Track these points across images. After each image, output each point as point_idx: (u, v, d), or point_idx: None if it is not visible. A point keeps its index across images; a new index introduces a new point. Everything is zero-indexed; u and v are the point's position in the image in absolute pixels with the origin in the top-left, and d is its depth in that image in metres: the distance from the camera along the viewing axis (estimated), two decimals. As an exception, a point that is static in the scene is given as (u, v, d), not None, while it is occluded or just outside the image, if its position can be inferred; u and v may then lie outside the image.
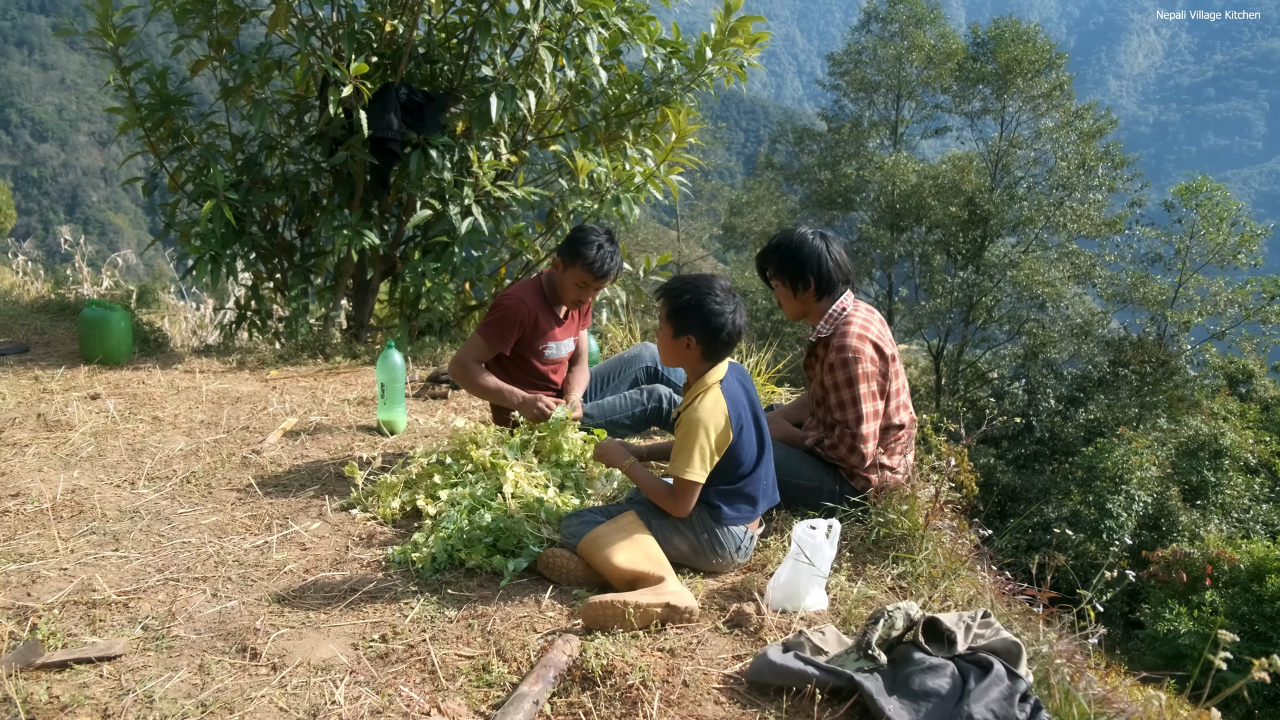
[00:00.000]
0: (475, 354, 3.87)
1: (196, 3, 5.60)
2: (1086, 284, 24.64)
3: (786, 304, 3.47)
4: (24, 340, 5.98)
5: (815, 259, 3.34)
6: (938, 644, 2.34)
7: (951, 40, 26.38)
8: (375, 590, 2.81)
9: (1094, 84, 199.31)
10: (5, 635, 2.48)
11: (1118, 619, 13.03)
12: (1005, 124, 25.89)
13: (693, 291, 2.93)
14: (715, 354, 2.94)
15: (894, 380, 3.36)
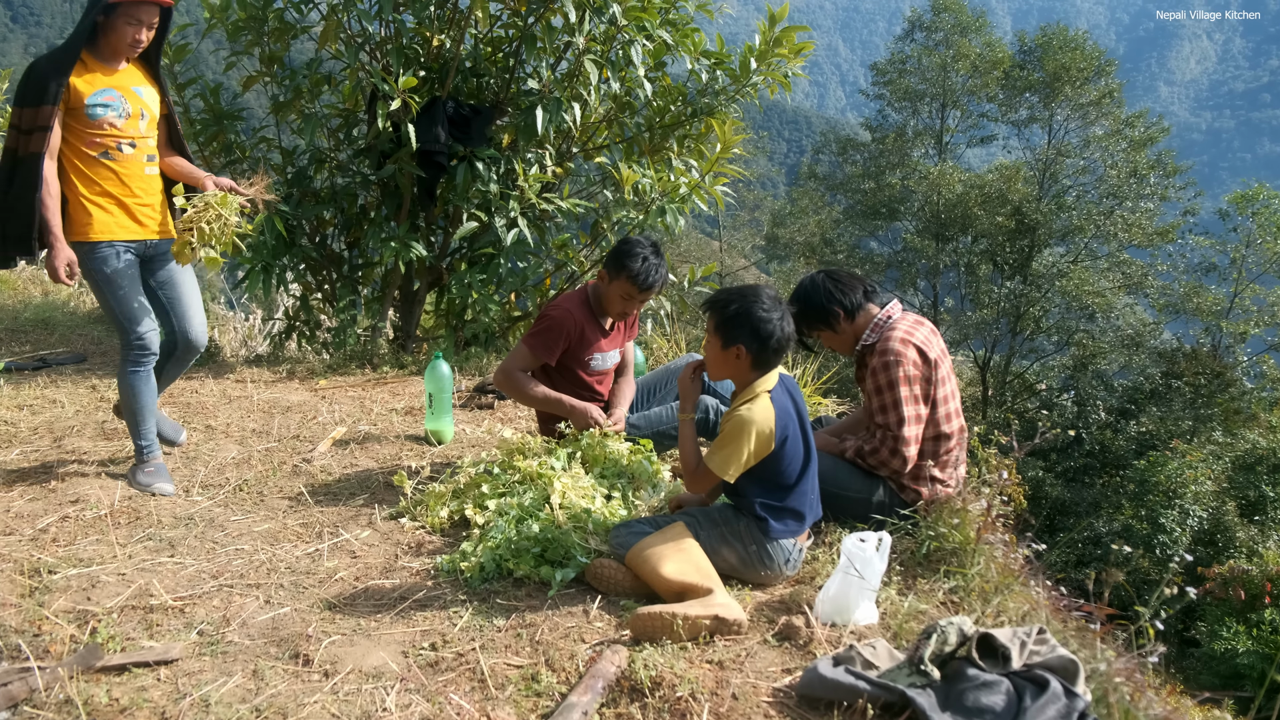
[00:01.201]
0: (520, 363, 3.89)
1: (249, 20, 5.71)
2: (1138, 294, 24.19)
3: (836, 343, 3.49)
4: (81, 350, 6.12)
5: (823, 291, 3.40)
6: (992, 660, 2.30)
7: (998, 48, 26.11)
8: (424, 599, 2.84)
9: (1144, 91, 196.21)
10: (66, 638, 2.54)
11: (1172, 637, 12.73)
12: (1053, 132, 25.57)
13: (740, 301, 2.93)
14: (765, 363, 2.93)
15: (941, 386, 3.31)
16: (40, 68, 3.39)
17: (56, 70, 3.36)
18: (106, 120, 3.48)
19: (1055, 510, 17.71)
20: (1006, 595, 2.81)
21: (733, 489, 3.00)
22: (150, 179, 3.66)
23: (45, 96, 3.35)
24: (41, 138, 3.36)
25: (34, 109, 3.35)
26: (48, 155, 3.41)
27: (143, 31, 3.46)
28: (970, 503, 3.24)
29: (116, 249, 3.57)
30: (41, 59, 3.41)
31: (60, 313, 7.27)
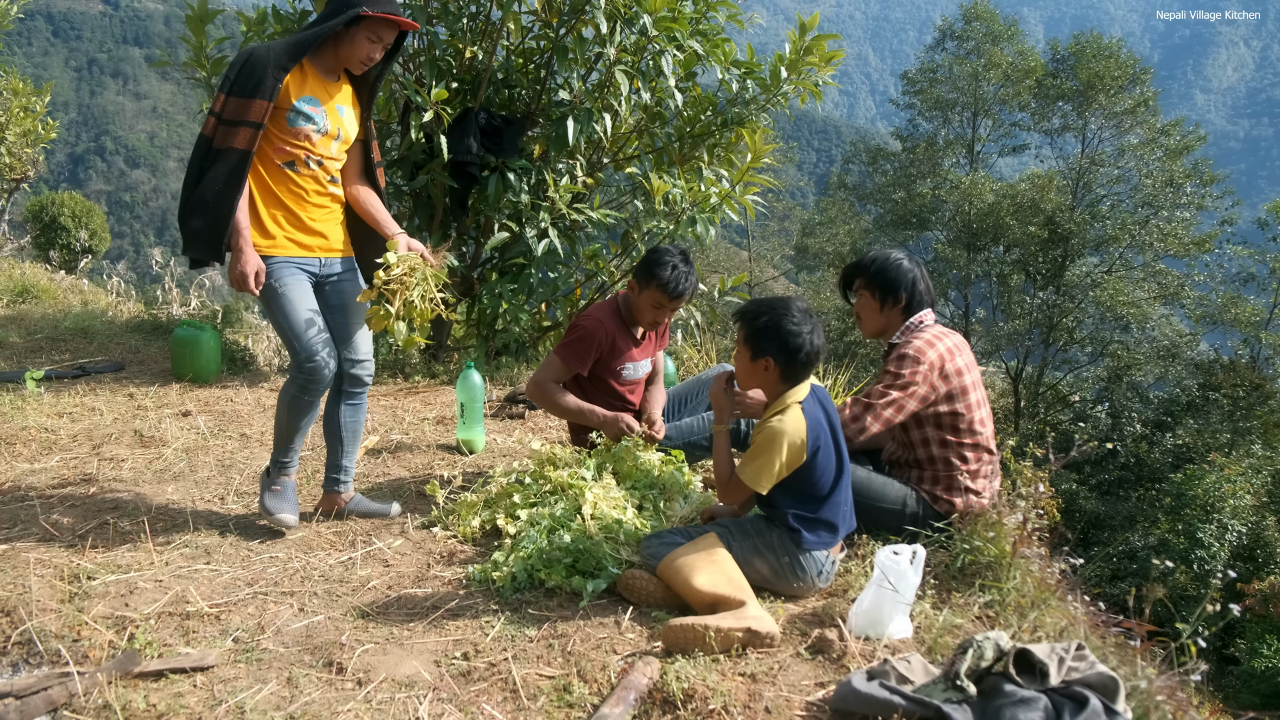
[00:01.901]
0: (553, 374, 3.89)
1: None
2: (1174, 305, 23.83)
3: (870, 318, 3.48)
4: (119, 358, 6.22)
5: (911, 279, 3.41)
6: (1029, 676, 2.26)
7: (1030, 57, 25.90)
8: (457, 608, 2.84)
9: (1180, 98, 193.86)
10: (105, 644, 2.57)
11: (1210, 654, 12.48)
12: (1087, 141, 25.30)
13: (769, 313, 2.93)
14: (794, 375, 2.92)
15: (969, 393, 3.30)
16: (259, 57, 3.08)
17: (277, 64, 3.08)
18: (304, 131, 3.21)
19: (1090, 524, 17.45)
20: (1043, 610, 2.77)
21: (766, 500, 2.98)
22: (327, 201, 3.37)
23: (260, 89, 3.06)
24: (249, 134, 3.08)
25: (244, 100, 3.06)
26: (256, 156, 3.16)
27: (378, 50, 3.25)
28: (1005, 515, 3.20)
29: (292, 266, 3.28)
30: (260, 47, 3.10)
31: (99, 322, 7.39)
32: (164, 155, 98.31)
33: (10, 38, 9.72)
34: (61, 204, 16.07)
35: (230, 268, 3.15)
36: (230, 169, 3.09)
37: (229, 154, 3.08)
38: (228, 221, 3.10)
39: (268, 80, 3.06)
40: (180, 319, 7.17)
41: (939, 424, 3.30)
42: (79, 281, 11.57)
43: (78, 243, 15.67)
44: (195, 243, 3.16)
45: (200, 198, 3.10)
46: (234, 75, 3.06)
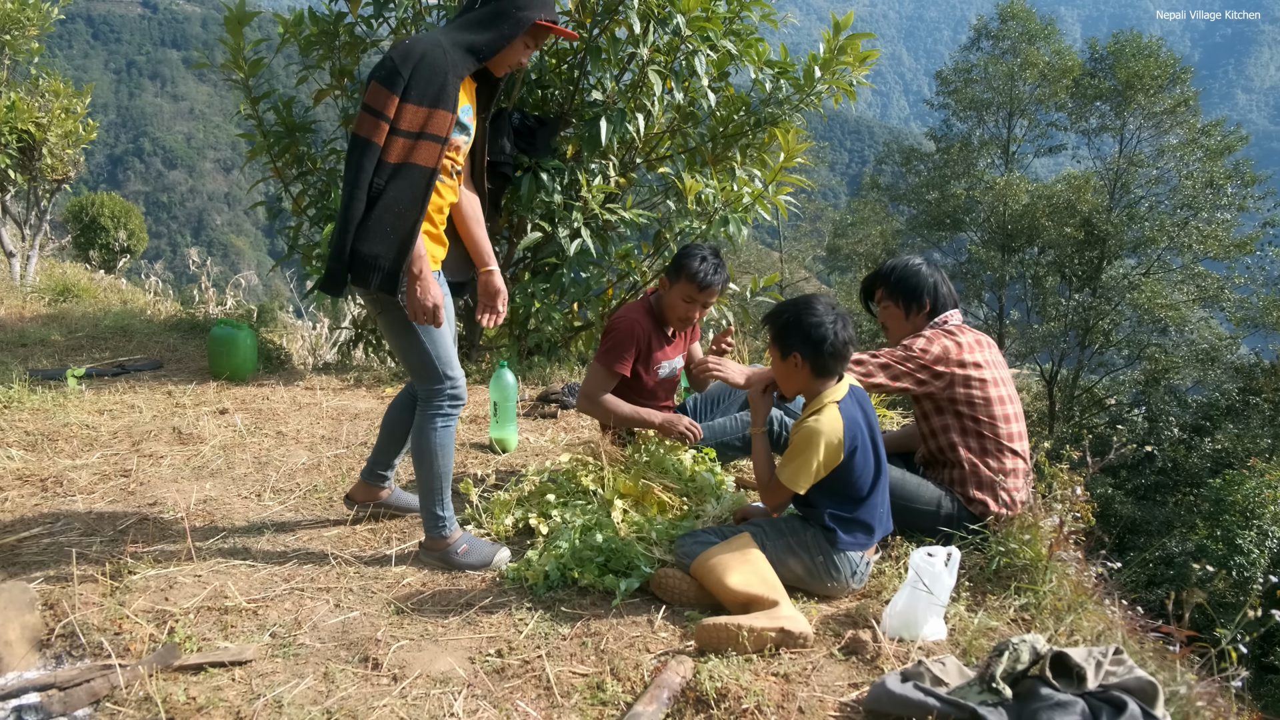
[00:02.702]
0: (600, 384, 3.87)
1: (320, 35, 5.85)
2: (1213, 307, 23.44)
3: (897, 327, 3.52)
4: (158, 357, 6.31)
5: (932, 283, 3.45)
6: (1066, 680, 2.24)
7: (1067, 56, 25.59)
8: (490, 605, 2.86)
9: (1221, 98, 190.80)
10: (146, 637, 2.61)
11: (1250, 661, 12.28)
12: (1125, 141, 24.96)
13: (791, 310, 2.96)
14: (825, 369, 2.91)
15: (993, 387, 3.30)
16: (437, 60, 2.75)
17: (455, 72, 2.79)
18: (457, 142, 2.97)
19: (1126, 529, 17.22)
20: (1080, 614, 2.74)
21: (803, 500, 2.98)
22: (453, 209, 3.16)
23: (444, 99, 2.76)
24: (434, 150, 2.78)
25: (426, 109, 2.75)
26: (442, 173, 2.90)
27: (528, 56, 3.02)
28: (1041, 518, 3.16)
29: (441, 281, 3.04)
30: (436, 48, 2.77)
31: (138, 320, 7.50)
32: (200, 156, 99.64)
33: (51, 40, 9.90)
34: (101, 204, 16.36)
35: (413, 297, 2.83)
36: (415, 191, 2.77)
37: (412, 171, 2.77)
38: (411, 249, 2.79)
39: (450, 89, 2.77)
40: (217, 318, 7.26)
41: (958, 414, 3.29)
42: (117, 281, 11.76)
43: (116, 243, 15.93)
44: (369, 271, 2.78)
45: (379, 221, 2.76)
46: (407, 75, 2.72)
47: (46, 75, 9.75)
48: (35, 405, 4.86)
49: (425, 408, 3.07)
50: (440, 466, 3.08)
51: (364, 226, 2.76)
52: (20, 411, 4.77)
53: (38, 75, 9.72)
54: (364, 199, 2.75)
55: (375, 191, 2.76)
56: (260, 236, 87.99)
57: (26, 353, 6.23)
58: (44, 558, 3.14)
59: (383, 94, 2.72)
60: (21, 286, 9.14)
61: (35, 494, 3.75)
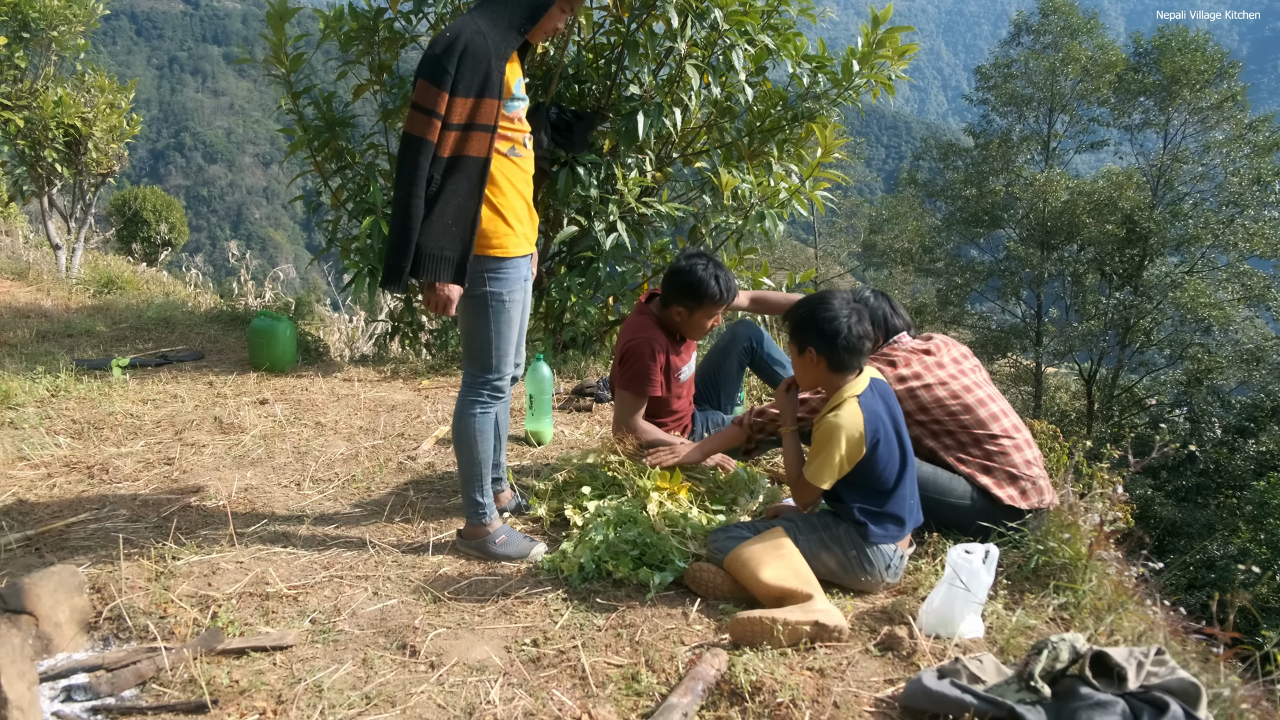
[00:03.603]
0: (631, 412, 3.82)
1: (360, 31, 5.90)
2: (1259, 307, 22.96)
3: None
4: (199, 348, 6.40)
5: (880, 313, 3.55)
6: (1106, 680, 2.22)
7: (1111, 51, 25.17)
8: (526, 595, 2.88)
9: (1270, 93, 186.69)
10: (190, 621, 2.66)
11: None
12: (1169, 137, 24.51)
13: (805, 306, 2.99)
14: (841, 363, 2.91)
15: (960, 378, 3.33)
16: (478, 47, 2.76)
17: (498, 54, 2.80)
18: (518, 114, 2.97)
19: (1166, 531, 16.95)
20: (1121, 614, 2.71)
21: (832, 495, 2.98)
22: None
23: (489, 86, 2.78)
24: (484, 139, 2.81)
25: (473, 100, 2.77)
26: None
27: (564, 21, 3.01)
28: (1080, 517, 3.13)
29: (524, 270, 3.06)
30: (476, 35, 2.77)
31: (180, 312, 7.62)
32: (240, 151, 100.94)
33: (96, 36, 10.07)
34: (143, 198, 16.63)
35: (430, 291, 2.90)
36: (471, 182, 2.82)
37: (466, 163, 2.81)
38: (472, 239, 2.85)
39: (494, 75, 2.79)
40: (256, 310, 7.36)
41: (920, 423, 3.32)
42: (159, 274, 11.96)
43: (158, 236, 16.18)
44: (439, 266, 2.83)
45: (440, 216, 2.80)
46: (453, 70, 2.72)
47: (92, 71, 9.93)
48: (82, 394, 4.96)
49: (467, 392, 3.11)
50: (479, 452, 3.10)
51: (429, 224, 2.80)
52: (67, 400, 4.87)
53: (84, 71, 9.90)
54: (424, 196, 2.78)
55: (434, 188, 2.79)
56: (298, 230, 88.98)
57: (73, 343, 6.35)
58: (91, 542, 3.21)
59: (431, 91, 2.74)
60: (67, 278, 9.32)
61: (82, 480, 3.84)
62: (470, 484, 3.14)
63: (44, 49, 9.50)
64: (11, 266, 9.61)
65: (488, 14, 2.85)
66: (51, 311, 7.39)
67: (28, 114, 9.10)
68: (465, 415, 3.09)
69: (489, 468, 3.16)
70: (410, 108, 2.79)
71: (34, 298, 7.99)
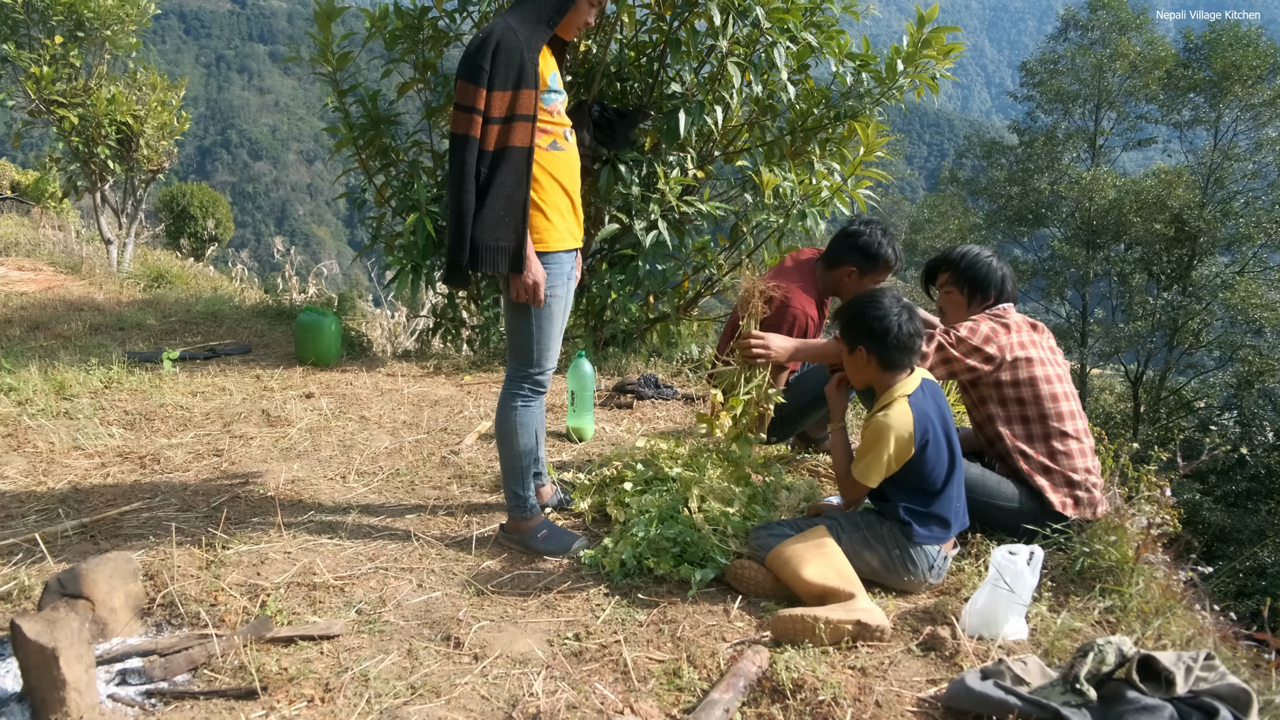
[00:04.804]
0: None
1: (405, 29, 5.96)
2: (1313, 308, 22.43)
3: (955, 314, 3.50)
4: (246, 341, 6.51)
5: (1000, 276, 3.44)
6: (1154, 684, 2.19)
7: (1160, 46, 24.71)
8: (568, 590, 2.91)
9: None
10: (239, 609, 2.72)
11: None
12: (1220, 135, 24.01)
13: (855, 305, 3.01)
14: (890, 361, 2.91)
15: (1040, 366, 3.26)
16: (510, 43, 2.82)
17: (529, 47, 2.86)
18: (556, 107, 3.02)
19: (1214, 537, 16.63)
20: (1169, 618, 2.68)
21: (877, 494, 2.97)
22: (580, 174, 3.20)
23: (525, 77, 2.84)
24: (526, 129, 2.86)
25: (511, 92, 2.83)
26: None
27: (594, 15, 3.06)
28: (1127, 519, 3.09)
29: (569, 266, 3.10)
30: (507, 32, 2.83)
31: (227, 306, 7.76)
32: (284, 148, 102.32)
33: (147, 35, 10.26)
34: (191, 194, 16.92)
35: (518, 278, 2.93)
36: (518, 171, 2.87)
37: (512, 154, 2.86)
38: (525, 227, 2.89)
39: (529, 67, 2.84)
40: (302, 305, 7.47)
41: (1003, 400, 3.26)
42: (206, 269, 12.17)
43: (204, 231, 16.47)
44: (496, 256, 2.88)
45: (492, 208, 2.85)
46: (489, 66, 2.79)
47: (144, 69, 10.13)
48: (133, 386, 5.07)
49: (509, 385, 3.15)
50: (520, 445, 3.14)
51: (480, 217, 2.85)
52: (120, 392, 4.98)
53: (135, 69, 10.10)
54: (474, 191, 2.84)
55: (483, 181, 2.85)
56: (340, 226, 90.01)
57: (124, 336, 6.49)
58: (144, 531, 3.29)
59: (470, 89, 2.81)
60: (119, 272, 9.52)
61: (135, 470, 3.92)
62: (512, 478, 3.18)
63: (98, 48, 9.70)
64: (65, 260, 9.83)
65: (518, 11, 2.93)
66: (104, 305, 7.56)
67: (82, 111, 9.31)
68: (508, 409, 3.14)
69: (531, 462, 3.20)
70: (454, 109, 2.86)
71: (87, 291, 8.18)
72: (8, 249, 10.43)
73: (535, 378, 3.13)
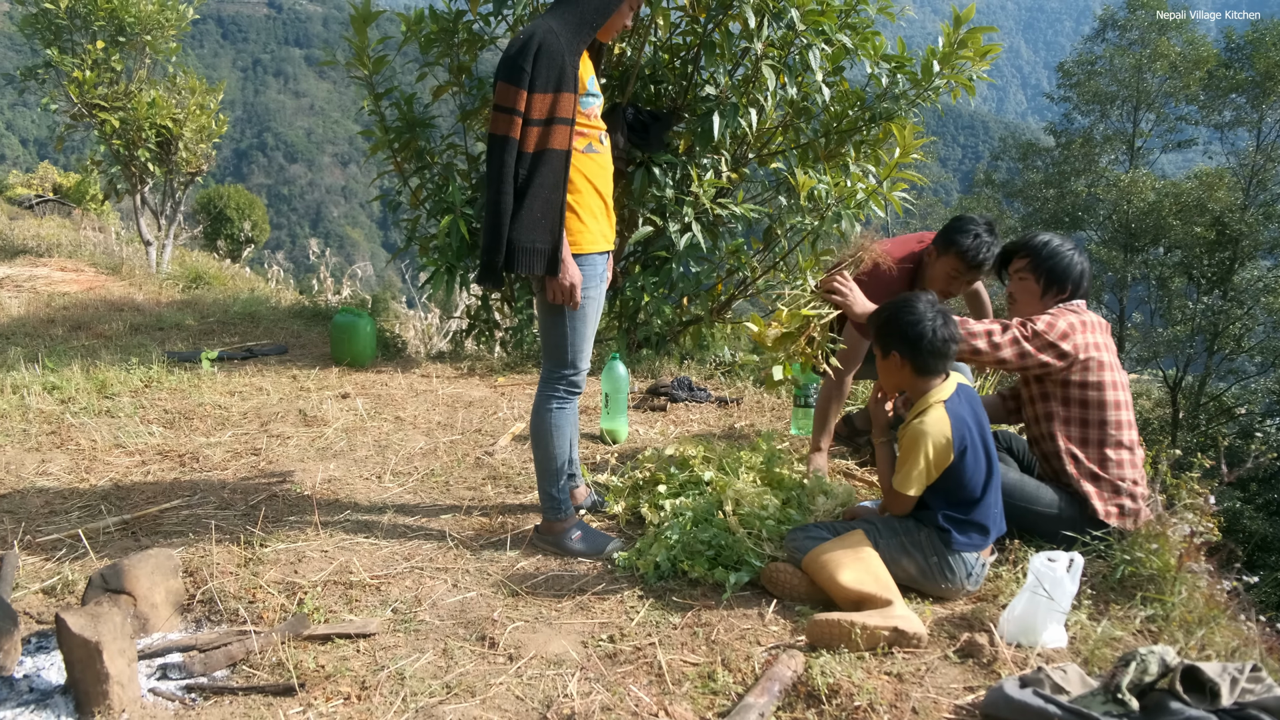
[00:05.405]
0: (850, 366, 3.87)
1: (440, 33, 6.00)
2: (1358, 314, 21.98)
3: (1027, 303, 3.37)
4: (283, 342, 6.59)
5: (1079, 270, 3.31)
6: (1198, 695, 2.15)
7: (1201, 46, 24.32)
8: (602, 591, 2.91)
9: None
10: (277, 607, 2.74)
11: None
12: (1263, 136, 23.58)
13: (888, 309, 2.98)
14: (925, 366, 2.89)
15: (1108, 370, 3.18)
16: (551, 46, 2.82)
17: (571, 50, 2.86)
18: (592, 110, 3.03)
19: (1256, 546, 16.33)
20: (1213, 628, 2.63)
21: (917, 501, 2.94)
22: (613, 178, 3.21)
23: (565, 81, 2.84)
24: (565, 132, 2.87)
25: (551, 95, 2.83)
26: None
27: (631, 19, 3.07)
28: (1169, 527, 3.04)
29: (601, 267, 3.10)
30: (549, 34, 2.83)
31: (264, 307, 7.85)
32: (319, 151, 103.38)
33: (185, 40, 10.42)
34: (228, 197, 17.15)
35: (554, 280, 2.94)
36: (556, 174, 2.89)
37: (550, 157, 2.87)
38: (562, 230, 2.92)
39: (569, 70, 2.85)
40: (337, 306, 7.54)
41: (1067, 400, 3.19)
42: (242, 270, 12.33)
43: (241, 233, 16.69)
44: (533, 258, 2.89)
45: (529, 210, 2.86)
46: (529, 67, 2.78)
47: (183, 73, 10.27)
48: (173, 385, 5.15)
49: (544, 388, 3.16)
50: (555, 447, 3.15)
51: (517, 218, 2.85)
52: (160, 391, 5.05)
53: (175, 73, 10.25)
54: (512, 192, 2.84)
55: (521, 183, 2.85)
56: (374, 228, 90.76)
57: (164, 336, 6.59)
58: (183, 528, 3.33)
59: (511, 91, 2.80)
60: (158, 273, 9.66)
61: (174, 468, 3.98)
62: (547, 479, 3.19)
63: (138, 52, 9.87)
64: (106, 262, 9.99)
65: (558, 14, 2.91)
66: (143, 305, 7.67)
67: (123, 115, 9.46)
68: (542, 410, 3.15)
69: (565, 463, 3.21)
70: (492, 110, 2.86)
71: (127, 292, 8.30)
72: (50, 250, 10.62)
73: (570, 379, 3.15)
